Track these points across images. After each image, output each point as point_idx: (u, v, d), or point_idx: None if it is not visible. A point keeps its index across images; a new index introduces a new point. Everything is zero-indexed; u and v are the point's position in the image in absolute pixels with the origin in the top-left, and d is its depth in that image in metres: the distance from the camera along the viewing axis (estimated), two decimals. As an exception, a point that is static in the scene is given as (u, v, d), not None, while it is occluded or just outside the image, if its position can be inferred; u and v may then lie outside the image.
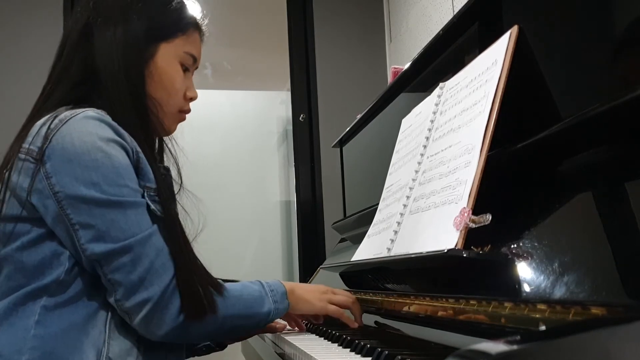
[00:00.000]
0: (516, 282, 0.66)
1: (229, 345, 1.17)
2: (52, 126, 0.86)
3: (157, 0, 0.99)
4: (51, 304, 0.85)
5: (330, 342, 1.03)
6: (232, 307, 0.93)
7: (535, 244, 0.67)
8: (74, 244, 0.85)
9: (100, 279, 0.86)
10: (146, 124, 0.95)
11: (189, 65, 1.02)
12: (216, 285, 0.93)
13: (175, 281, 0.87)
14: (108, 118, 0.89)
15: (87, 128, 0.86)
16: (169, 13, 1.00)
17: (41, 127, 0.87)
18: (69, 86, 0.95)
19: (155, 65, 0.97)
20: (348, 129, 1.82)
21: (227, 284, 0.95)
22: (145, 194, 0.90)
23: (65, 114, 0.87)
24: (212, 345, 1.14)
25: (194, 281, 0.88)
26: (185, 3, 1.03)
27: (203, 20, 1.05)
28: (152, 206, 0.89)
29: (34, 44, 2.44)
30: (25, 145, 0.87)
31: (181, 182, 1.09)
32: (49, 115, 0.88)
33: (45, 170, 0.84)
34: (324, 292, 1.08)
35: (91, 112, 0.88)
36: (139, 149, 0.90)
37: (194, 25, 1.02)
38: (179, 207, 1.05)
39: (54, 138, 0.85)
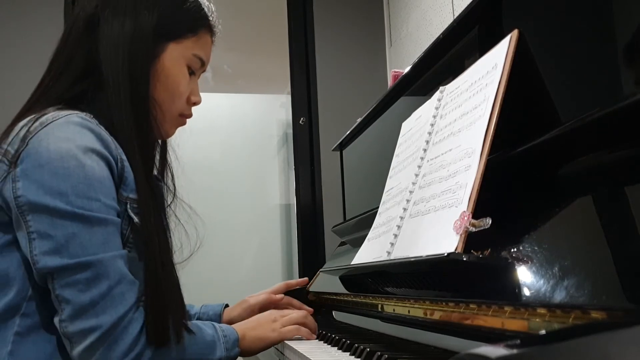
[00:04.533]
0: (516, 286, 0.66)
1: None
2: (31, 129, 0.81)
3: None
4: (24, 329, 0.79)
5: (329, 346, 1.03)
6: (183, 352, 0.86)
7: (536, 248, 0.67)
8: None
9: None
10: (145, 127, 0.89)
11: (196, 69, 0.97)
12: (183, 315, 0.87)
13: (131, 315, 0.79)
14: (93, 123, 0.83)
15: (66, 134, 0.80)
16: (182, 12, 0.94)
17: (22, 128, 0.82)
18: (69, 81, 0.90)
19: (162, 65, 0.92)
20: (348, 132, 1.82)
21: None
22: (129, 206, 0.84)
23: (47, 116, 0.82)
24: None
25: (161, 306, 0.82)
26: (201, 3, 0.98)
27: (217, 23, 1.00)
28: (136, 219, 0.84)
29: (34, 43, 2.43)
30: (4, 145, 0.82)
31: (175, 191, 1.05)
32: (32, 116, 0.83)
33: (15, 173, 0.79)
34: (274, 321, 1.06)
35: (75, 116, 0.82)
36: (124, 157, 0.85)
37: (207, 27, 0.97)
38: (174, 219, 1.01)
39: (31, 141, 0.80)
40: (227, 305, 1.26)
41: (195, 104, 0.99)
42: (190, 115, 1.00)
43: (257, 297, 1.25)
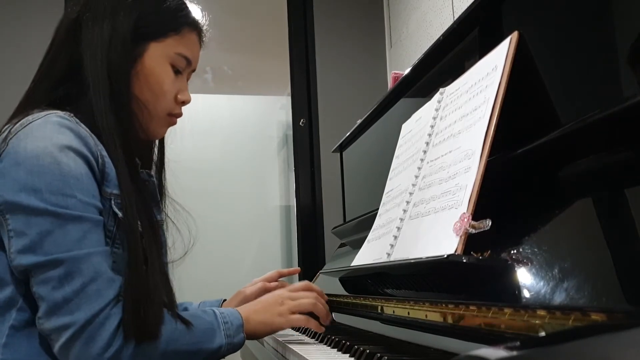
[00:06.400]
0: (516, 288, 0.66)
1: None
2: (12, 130, 0.83)
3: None
4: (20, 323, 0.81)
5: (329, 347, 1.03)
6: (174, 343, 0.85)
7: (535, 250, 0.67)
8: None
9: None
10: (127, 127, 0.90)
11: (181, 68, 0.97)
12: (172, 307, 0.87)
13: (107, 312, 0.79)
14: (72, 121, 0.84)
15: (43, 132, 0.81)
16: (162, 11, 0.95)
17: (5, 130, 0.84)
18: (51, 84, 0.91)
19: (143, 65, 0.93)
20: (348, 133, 1.82)
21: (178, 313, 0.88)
22: (113, 202, 0.85)
23: (28, 117, 0.84)
24: None
25: (141, 300, 0.81)
26: (184, 2, 0.98)
27: (203, 21, 1.00)
28: (120, 214, 0.84)
29: (34, 44, 2.43)
30: None
31: (163, 187, 1.05)
32: (16, 119, 0.85)
33: None
34: (281, 304, 1.02)
35: (54, 116, 0.84)
36: (104, 153, 0.85)
37: (190, 25, 0.97)
38: (172, 218, 1.02)
39: (11, 142, 0.81)
40: (224, 300, 1.26)
41: (184, 102, 0.99)
42: (179, 115, 1.00)
43: (252, 287, 1.23)
